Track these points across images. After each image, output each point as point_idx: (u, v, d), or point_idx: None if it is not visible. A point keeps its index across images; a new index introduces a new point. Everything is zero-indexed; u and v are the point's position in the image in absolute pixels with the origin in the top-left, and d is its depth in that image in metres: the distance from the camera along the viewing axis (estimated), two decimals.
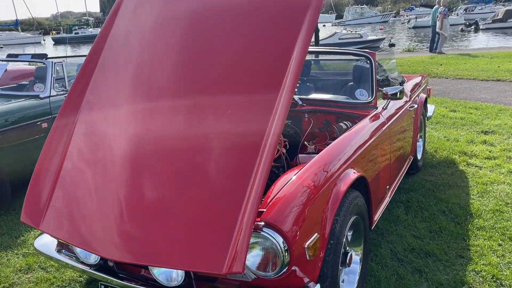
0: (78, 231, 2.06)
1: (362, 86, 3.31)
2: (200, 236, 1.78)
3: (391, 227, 3.32)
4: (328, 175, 2.17)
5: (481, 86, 9.04)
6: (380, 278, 2.67)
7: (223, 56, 2.23)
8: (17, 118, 3.98)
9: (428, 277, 2.68)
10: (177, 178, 1.98)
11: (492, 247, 2.99)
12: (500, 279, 2.65)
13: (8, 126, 3.86)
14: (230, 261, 1.65)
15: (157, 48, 2.42)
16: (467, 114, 6.68)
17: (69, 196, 2.22)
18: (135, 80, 2.38)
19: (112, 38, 2.55)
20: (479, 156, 4.85)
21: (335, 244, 2.06)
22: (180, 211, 1.88)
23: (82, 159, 2.32)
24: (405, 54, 17.29)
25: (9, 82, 5.53)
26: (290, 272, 1.83)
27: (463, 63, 12.46)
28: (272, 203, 1.90)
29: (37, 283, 2.80)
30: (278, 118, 1.85)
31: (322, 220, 2.01)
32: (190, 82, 2.22)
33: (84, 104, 2.43)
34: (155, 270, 1.96)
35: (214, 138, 2.01)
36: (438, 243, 3.06)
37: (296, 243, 1.82)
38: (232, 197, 1.77)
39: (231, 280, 1.98)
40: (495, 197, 3.77)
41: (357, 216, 2.37)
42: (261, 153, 1.79)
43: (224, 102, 2.08)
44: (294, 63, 1.98)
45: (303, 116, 3.22)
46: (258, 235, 1.80)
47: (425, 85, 4.87)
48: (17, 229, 3.56)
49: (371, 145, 2.74)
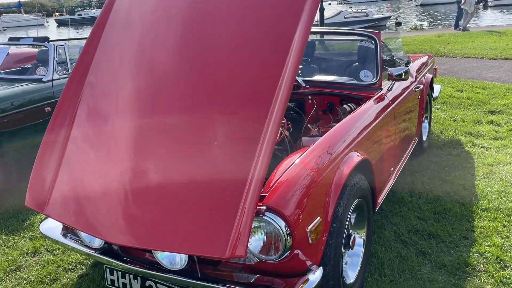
0: (82, 216, 2.07)
1: (366, 67, 3.27)
2: (203, 221, 1.78)
3: (395, 209, 3.32)
4: (331, 158, 2.16)
5: (489, 65, 8.90)
6: (384, 260, 2.68)
7: (225, 36, 2.19)
8: (20, 102, 3.97)
9: (431, 259, 2.69)
10: (180, 162, 1.98)
11: (497, 229, 2.98)
12: (504, 260, 2.64)
13: (12, 110, 3.87)
14: (232, 245, 1.65)
15: (158, 28, 2.39)
16: (474, 93, 6.59)
17: (73, 180, 2.23)
18: (137, 60, 2.35)
19: (113, 19, 2.52)
20: (485, 136, 4.80)
21: (338, 228, 2.06)
22: (184, 196, 1.88)
23: (85, 142, 2.32)
24: (412, 33, 17.07)
25: (12, 66, 5.51)
26: (293, 256, 1.83)
27: (471, 41, 12.26)
28: (275, 187, 1.89)
29: (44, 265, 2.84)
30: (279, 102, 1.83)
31: (324, 204, 2.00)
32: (192, 62, 2.19)
33: (86, 86, 2.42)
34: (159, 254, 1.97)
35: (217, 121, 1.99)
36: (442, 225, 3.06)
37: (298, 227, 1.82)
38: (234, 182, 1.77)
39: (234, 264, 1.99)
40: (500, 178, 3.75)
41: (360, 199, 2.36)
42: (263, 138, 1.78)
43: (226, 83, 2.06)
44: (297, 44, 1.94)
45: (306, 98, 3.19)
46: (260, 219, 1.79)
47: (431, 65, 4.80)
48: (23, 213, 3.59)
49: (375, 128, 2.71)
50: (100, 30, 2.50)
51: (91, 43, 2.49)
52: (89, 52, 2.47)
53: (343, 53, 4.36)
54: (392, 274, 2.56)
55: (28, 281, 2.69)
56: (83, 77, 2.44)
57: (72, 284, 2.64)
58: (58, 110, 2.40)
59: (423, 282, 2.48)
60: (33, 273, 2.76)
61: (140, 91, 2.25)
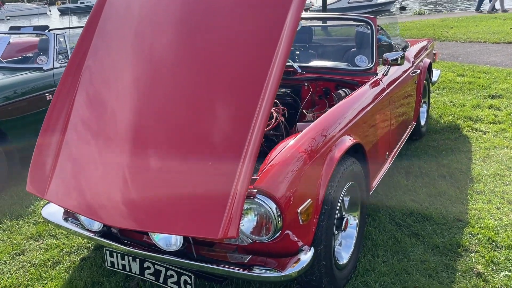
0: (81, 200, 2.14)
1: (362, 52, 3.29)
2: (197, 204, 1.84)
3: (391, 192, 3.37)
4: (323, 142, 2.20)
5: (492, 49, 8.85)
6: (377, 242, 2.74)
7: (220, 25, 2.23)
8: (22, 90, 4.03)
9: (424, 240, 2.74)
10: (176, 147, 2.03)
11: (490, 211, 3.03)
12: (496, 241, 2.70)
13: (14, 99, 3.92)
14: (225, 226, 1.71)
15: (156, 15, 2.42)
16: (475, 78, 6.58)
17: (72, 166, 2.29)
18: (135, 47, 2.39)
19: (110, 5, 2.55)
20: (484, 120, 4.82)
21: (329, 210, 2.11)
22: (179, 181, 1.94)
23: (84, 127, 2.37)
24: (416, 18, 16.91)
25: (15, 55, 5.56)
26: (284, 236, 1.89)
27: (475, 25, 12.16)
28: (266, 171, 1.95)
29: (47, 249, 2.92)
30: (270, 88, 1.87)
31: (315, 186, 2.05)
32: (190, 47, 2.23)
33: (84, 72, 2.46)
34: (155, 236, 2.04)
35: (211, 108, 2.04)
36: (437, 207, 3.11)
37: (289, 209, 1.87)
38: (226, 167, 1.82)
39: (228, 245, 2.06)
40: (497, 161, 3.78)
41: (353, 182, 2.41)
42: (254, 123, 1.82)
43: (221, 69, 2.10)
44: (287, 30, 1.97)
45: (302, 84, 3.22)
46: (252, 201, 1.85)
47: (430, 50, 4.80)
48: (27, 199, 3.67)
49: (369, 112, 2.75)
50: (97, 17, 2.54)
51: (89, 30, 2.53)
52: (87, 39, 2.51)
53: (341, 39, 4.37)
54: (385, 255, 2.62)
55: (32, 264, 2.78)
56: (81, 63, 2.48)
57: (75, 266, 2.72)
58: (57, 96, 2.45)
59: (415, 262, 2.54)
60: (37, 257, 2.85)
61: (138, 77, 2.29)
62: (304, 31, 4.00)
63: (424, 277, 2.42)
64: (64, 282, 2.57)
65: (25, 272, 2.70)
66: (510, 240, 2.69)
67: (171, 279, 2.14)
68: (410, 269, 2.48)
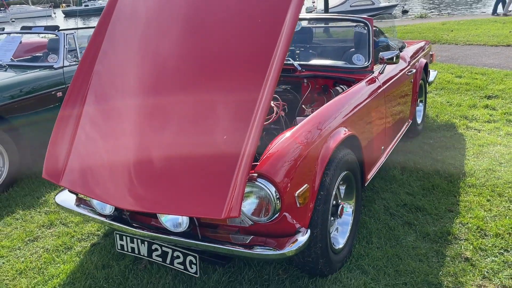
0: (94, 185, 2.30)
1: (359, 52, 3.45)
2: (202, 187, 2.00)
3: (387, 185, 3.52)
4: (320, 133, 2.36)
5: (490, 52, 9.00)
6: (372, 230, 2.89)
7: (223, 26, 2.39)
8: (33, 87, 4.20)
9: (416, 229, 2.89)
10: (181, 136, 2.20)
11: (481, 202, 3.17)
12: (484, 230, 2.84)
13: (25, 95, 4.10)
14: (228, 207, 1.87)
15: (162, 19, 2.59)
16: (472, 79, 6.72)
17: (85, 154, 2.45)
18: (142, 50, 2.56)
19: (118, 10, 2.72)
20: (479, 119, 4.97)
21: (325, 195, 2.27)
22: (185, 166, 2.10)
23: (96, 120, 2.54)
24: (417, 21, 17.06)
25: (23, 55, 5.74)
26: (282, 218, 2.04)
27: (475, 28, 12.31)
28: (266, 158, 2.11)
29: (59, 236, 3.08)
30: (270, 81, 2.03)
31: (312, 173, 2.21)
32: (194, 49, 2.40)
33: (95, 73, 2.64)
34: (163, 218, 2.20)
35: (215, 102, 2.20)
36: (430, 199, 3.26)
37: (287, 192, 2.03)
38: (230, 153, 1.98)
39: (231, 226, 2.21)
40: (489, 157, 3.93)
41: (348, 171, 2.56)
42: (255, 115, 1.98)
43: (224, 69, 2.26)
44: (286, 28, 2.14)
45: (302, 81, 3.38)
46: (253, 185, 2.01)
47: (427, 51, 4.95)
48: (38, 191, 3.84)
49: (365, 107, 2.90)
50: (106, 21, 2.71)
51: (98, 34, 2.70)
52: (96, 42, 2.69)
53: (341, 40, 4.53)
54: (378, 242, 2.77)
55: (45, 249, 2.94)
56: (91, 65, 2.66)
57: (85, 251, 2.88)
58: (70, 91, 2.63)
59: (407, 249, 2.69)
60: (49, 243, 3.01)
61: (144, 75, 2.46)
62: (305, 31, 4.15)
63: (415, 262, 2.56)
64: (75, 265, 2.73)
65: (39, 257, 2.86)
66: (498, 229, 2.83)
67: (177, 259, 2.29)
68: (402, 255, 2.63)
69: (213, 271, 2.56)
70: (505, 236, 2.76)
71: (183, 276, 2.54)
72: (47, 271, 2.70)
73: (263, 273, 2.53)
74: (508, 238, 2.74)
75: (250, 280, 2.49)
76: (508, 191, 3.30)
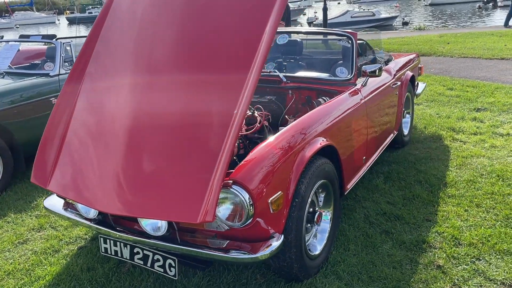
0: (78, 189, 2.40)
1: (343, 64, 3.56)
2: (180, 193, 2.10)
3: (369, 194, 3.61)
4: (296, 142, 2.46)
5: (484, 65, 9.12)
6: (350, 237, 2.98)
7: (208, 35, 2.51)
8: (29, 94, 4.33)
9: (393, 237, 2.98)
10: (163, 144, 2.29)
11: (458, 212, 3.26)
12: (459, 239, 2.93)
13: (21, 102, 4.22)
14: (203, 212, 1.97)
15: (154, 24, 2.68)
16: (463, 92, 6.84)
17: (72, 160, 2.56)
18: (135, 53, 2.66)
19: (113, 13, 2.84)
20: (466, 131, 5.07)
21: (299, 203, 2.36)
22: (164, 174, 2.20)
23: (84, 127, 2.65)
24: (415, 33, 17.23)
25: (23, 62, 5.89)
26: (255, 223, 2.14)
27: (471, 41, 12.46)
28: (242, 165, 2.21)
29: (48, 239, 3.18)
30: (246, 93, 2.13)
31: (286, 181, 2.31)
32: (186, 54, 2.50)
33: (87, 75, 2.75)
34: (143, 222, 2.29)
35: (194, 114, 2.30)
36: (409, 209, 3.35)
37: (261, 198, 2.13)
38: (207, 160, 2.08)
39: (208, 231, 2.31)
40: (472, 169, 4.02)
41: (325, 180, 2.66)
42: (231, 125, 2.08)
43: (203, 82, 2.37)
44: (267, 35, 2.24)
45: (287, 92, 3.49)
46: (228, 191, 2.11)
47: (414, 64, 5.06)
48: (31, 195, 3.94)
49: (345, 118, 3.00)
50: (101, 25, 2.83)
51: (92, 37, 2.82)
52: (90, 45, 2.80)
53: (329, 52, 4.65)
54: (355, 249, 2.85)
55: (33, 252, 3.03)
56: (84, 67, 2.78)
57: (72, 254, 2.97)
58: (61, 97, 2.75)
59: (382, 256, 2.78)
60: (38, 245, 3.10)
61: (136, 81, 2.56)
62: (293, 44, 4.27)
63: (389, 268, 2.65)
64: (61, 268, 2.82)
65: (27, 259, 2.96)
66: (472, 238, 2.92)
67: (158, 263, 2.39)
68: (377, 262, 2.72)
69: (193, 274, 2.65)
70: (478, 245, 2.85)
71: (164, 279, 2.63)
72: (34, 272, 2.79)
73: (241, 277, 2.62)
74: (481, 247, 2.83)
75: (228, 284, 2.57)
76: (486, 202, 3.39)
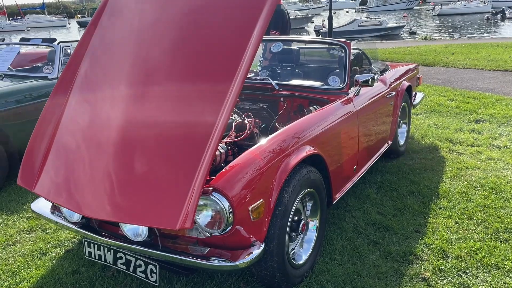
0: (64, 194, 2.41)
1: (336, 73, 3.56)
2: (161, 200, 2.10)
3: (359, 204, 3.59)
4: (281, 149, 2.45)
5: (487, 76, 9.08)
6: (337, 247, 2.96)
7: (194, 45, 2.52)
8: (26, 97, 4.36)
9: (381, 248, 2.96)
10: (147, 151, 2.30)
11: (448, 224, 3.23)
12: (447, 252, 2.90)
13: (18, 104, 4.26)
14: (182, 220, 1.97)
15: (150, 26, 2.70)
16: (463, 103, 6.81)
17: (59, 164, 2.57)
18: (128, 53, 2.67)
19: (107, 13, 2.86)
20: (463, 143, 5.03)
21: (282, 211, 2.36)
22: (146, 180, 2.20)
23: (71, 131, 2.66)
24: (421, 43, 17.22)
25: (27, 64, 5.95)
26: (235, 231, 2.13)
27: (475, 52, 12.42)
28: (223, 172, 2.20)
29: (37, 241, 3.19)
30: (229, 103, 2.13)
31: (269, 189, 2.30)
32: (178, 56, 2.50)
33: (78, 76, 2.77)
34: (125, 227, 2.30)
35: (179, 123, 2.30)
36: (399, 220, 3.32)
37: (240, 206, 2.12)
38: (188, 168, 2.08)
39: (190, 238, 2.30)
40: (466, 180, 3.99)
41: (311, 189, 2.65)
42: (212, 136, 2.08)
43: (188, 92, 2.38)
44: (254, 39, 2.25)
45: (279, 100, 3.49)
46: (208, 198, 2.11)
47: (412, 74, 5.05)
48: (24, 197, 3.97)
49: (334, 127, 3.00)
50: (94, 25, 2.86)
51: (86, 37, 2.84)
52: (83, 45, 2.82)
53: (327, 61, 4.65)
54: (341, 259, 2.83)
55: (21, 253, 3.05)
56: (75, 68, 2.80)
57: (59, 257, 2.98)
58: (51, 99, 2.78)
59: (368, 267, 2.76)
60: (26, 248, 3.11)
61: (127, 81, 2.57)
62: (290, 52, 4.28)
63: (374, 280, 2.63)
64: (47, 270, 2.83)
65: (14, 260, 2.97)
66: (460, 251, 2.89)
67: (140, 268, 2.38)
68: (362, 272, 2.70)
69: (177, 281, 2.65)
70: (466, 258, 2.82)
71: (148, 285, 2.62)
72: (20, 274, 2.80)
73: (224, 284, 2.61)
74: (469, 260, 2.80)
75: None
76: (477, 215, 3.36)
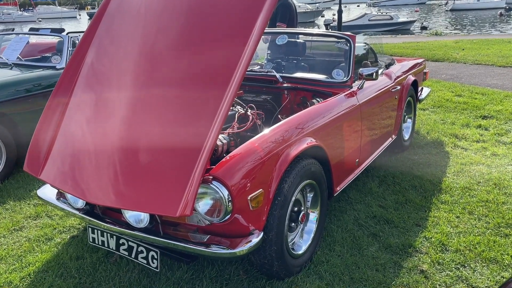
0: (69, 180, 2.46)
1: (341, 67, 3.57)
2: (161, 186, 2.14)
3: (361, 197, 3.61)
4: (282, 140, 2.48)
5: (496, 72, 9.00)
6: (337, 239, 2.99)
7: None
8: (34, 86, 4.43)
9: (380, 240, 2.98)
10: (150, 140, 2.34)
11: (449, 219, 3.25)
12: (446, 245, 2.92)
13: (26, 93, 4.32)
14: (182, 207, 2.01)
15: (155, 18, 2.73)
16: (471, 99, 6.76)
17: (65, 151, 2.62)
18: (132, 44, 2.69)
19: (112, 7, 2.90)
20: (468, 139, 5.02)
21: (282, 201, 2.39)
22: (149, 168, 2.24)
23: (78, 119, 2.71)
24: (432, 38, 17.07)
25: (36, 54, 6.03)
26: (234, 219, 2.17)
27: (486, 48, 12.29)
28: (224, 161, 2.24)
29: (43, 227, 3.26)
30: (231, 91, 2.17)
31: (268, 179, 2.33)
32: (183, 47, 2.53)
33: (84, 65, 2.81)
34: (127, 213, 2.35)
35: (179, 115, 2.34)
36: (400, 213, 3.34)
37: (240, 195, 2.15)
38: (188, 156, 2.12)
39: (190, 225, 2.35)
40: (469, 176, 3.99)
41: (311, 181, 2.67)
42: (214, 123, 2.12)
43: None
44: (254, 36, 2.27)
45: (283, 92, 3.51)
46: (208, 187, 2.14)
47: (419, 69, 5.03)
48: (31, 184, 4.04)
49: (337, 120, 3.01)
50: (101, 16, 2.89)
51: (92, 28, 2.88)
52: (89, 35, 2.87)
53: (333, 54, 4.65)
54: (341, 251, 2.86)
55: (27, 239, 3.12)
56: (82, 58, 2.84)
57: (64, 243, 3.04)
58: (57, 88, 2.82)
59: (367, 258, 2.78)
60: (32, 233, 3.19)
61: (130, 73, 2.61)
62: (295, 44, 4.29)
63: (372, 271, 2.66)
64: (52, 255, 2.90)
65: (20, 245, 3.04)
66: (459, 245, 2.90)
67: (141, 254, 2.44)
68: (360, 264, 2.73)
69: (178, 267, 2.70)
70: (465, 252, 2.83)
71: (149, 271, 2.68)
72: (25, 259, 2.87)
73: (224, 272, 2.65)
74: (468, 254, 2.81)
75: (211, 279, 2.61)
76: (479, 210, 3.36)
